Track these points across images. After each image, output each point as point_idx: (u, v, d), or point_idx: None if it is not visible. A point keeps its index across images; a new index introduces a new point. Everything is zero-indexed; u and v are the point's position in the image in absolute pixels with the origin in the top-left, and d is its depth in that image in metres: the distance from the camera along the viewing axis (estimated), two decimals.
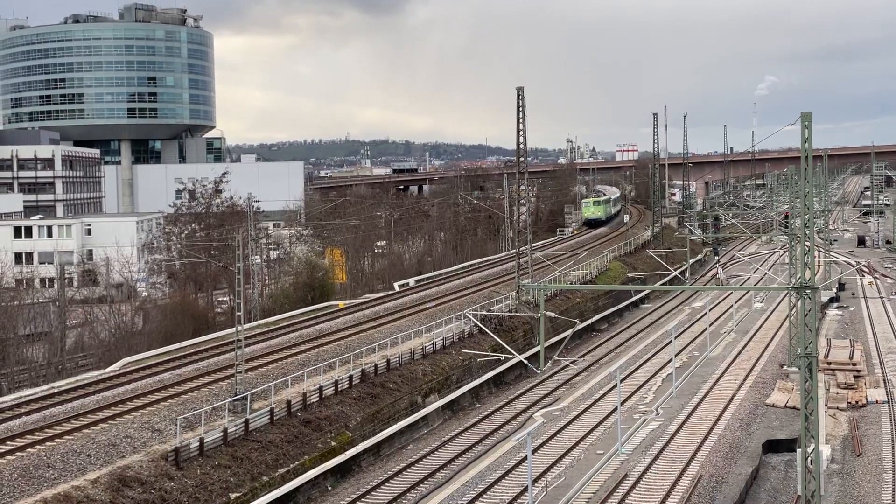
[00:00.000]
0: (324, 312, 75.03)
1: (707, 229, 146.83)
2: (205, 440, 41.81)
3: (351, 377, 53.74)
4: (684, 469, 43.96)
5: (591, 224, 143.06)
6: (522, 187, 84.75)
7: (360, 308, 74.68)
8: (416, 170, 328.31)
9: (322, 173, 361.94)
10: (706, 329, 75.31)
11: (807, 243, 37.16)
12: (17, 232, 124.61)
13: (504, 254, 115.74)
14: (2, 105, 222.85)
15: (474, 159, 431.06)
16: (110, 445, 40.01)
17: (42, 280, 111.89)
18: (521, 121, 77.32)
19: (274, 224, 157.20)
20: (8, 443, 39.35)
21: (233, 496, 40.21)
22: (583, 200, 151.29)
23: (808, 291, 36.65)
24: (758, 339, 76.10)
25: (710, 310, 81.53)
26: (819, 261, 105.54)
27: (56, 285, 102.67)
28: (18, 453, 38.03)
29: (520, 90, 76.91)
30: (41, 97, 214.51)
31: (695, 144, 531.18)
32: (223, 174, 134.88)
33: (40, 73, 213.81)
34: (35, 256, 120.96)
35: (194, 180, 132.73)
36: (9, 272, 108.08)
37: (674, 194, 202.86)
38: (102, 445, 39.84)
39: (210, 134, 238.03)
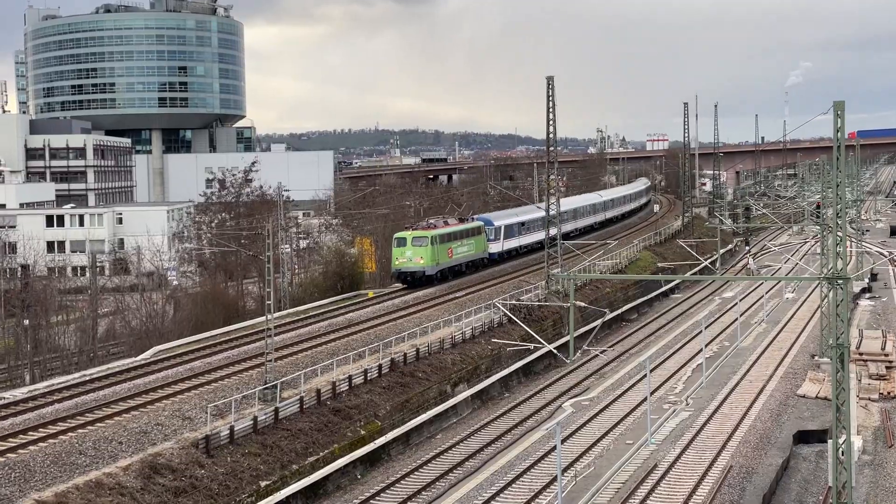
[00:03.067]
0: (353, 301, 75.17)
1: (738, 219, 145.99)
2: (235, 428, 42.02)
3: (380, 366, 53.83)
4: (714, 460, 43.77)
5: (407, 280, 77.08)
6: (552, 177, 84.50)
7: (390, 297, 74.74)
8: (445, 159, 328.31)
9: (352, 163, 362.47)
10: (736, 319, 74.92)
11: (839, 233, 36.87)
12: (50, 221, 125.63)
13: None
14: (34, 94, 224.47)
15: (504, 149, 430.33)
16: (141, 433, 40.28)
17: (74, 268, 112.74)
18: (551, 110, 77.07)
19: (304, 213, 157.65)
20: (41, 430, 39.70)
21: (263, 484, 40.40)
22: (395, 236, 79.51)
23: (840, 282, 36.37)
24: (789, 330, 75.62)
25: (740, 300, 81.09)
26: (851, 251, 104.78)
27: (88, 274, 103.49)
28: (51, 440, 38.36)
29: (550, 79, 76.62)
30: (73, 87, 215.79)
31: (726, 134, 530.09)
32: (253, 163, 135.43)
33: (72, 62, 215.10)
34: (67, 245, 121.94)
35: (224, 169, 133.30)
36: (41, 260, 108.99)
37: (704, 184, 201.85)
38: (134, 433, 40.12)
39: (240, 123, 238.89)
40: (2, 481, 33.96)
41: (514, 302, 71.28)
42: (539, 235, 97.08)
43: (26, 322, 78.06)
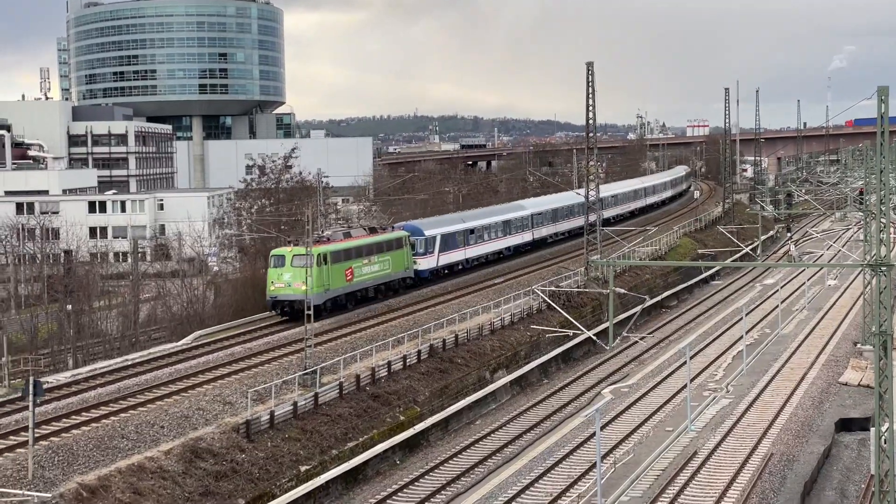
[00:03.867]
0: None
1: (779, 205, 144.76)
2: (275, 413, 42.31)
3: (419, 352, 53.96)
4: (755, 447, 43.52)
5: (286, 311, 59.63)
6: (592, 163, 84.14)
7: (429, 283, 74.80)
8: (484, 145, 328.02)
9: (390, 149, 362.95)
10: (778, 306, 74.36)
11: (882, 219, 36.49)
12: (92, 207, 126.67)
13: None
14: (76, 81, 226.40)
15: (543, 135, 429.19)
16: (183, 417, 40.64)
17: (116, 254, 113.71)
18: (590, 96, 76.75)
19: (343, 199, 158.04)
20: (83, 414, 40.19)
21: (303, 469, 40.65)
22: (271, 252, 62.11)
23: (883, 268, 35.99)
24: (831, 317, 74.98)
25: (781, 287, 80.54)
26: (894, 237, 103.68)
27: (129, 259, 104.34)
28: (94, 424, 38.81)
29: (589, 65, 76.31)
30: (115, 74, 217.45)
31: (767, 120, 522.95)
32: (293, 150, 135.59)
33: (114, 49, 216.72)
34: (109, 231, 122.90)
35: (264, 156, 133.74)
36: (84, 246, 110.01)
37: (745, 170, 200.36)
38: (175, 417, 40.49)
39: (280, 110, 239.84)
40: (46, 464, 34.39)
41: (553, 288, 71.17)
42: (501, 243, 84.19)
43: (69, 307, 78.82)
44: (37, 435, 35.21)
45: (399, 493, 41.31)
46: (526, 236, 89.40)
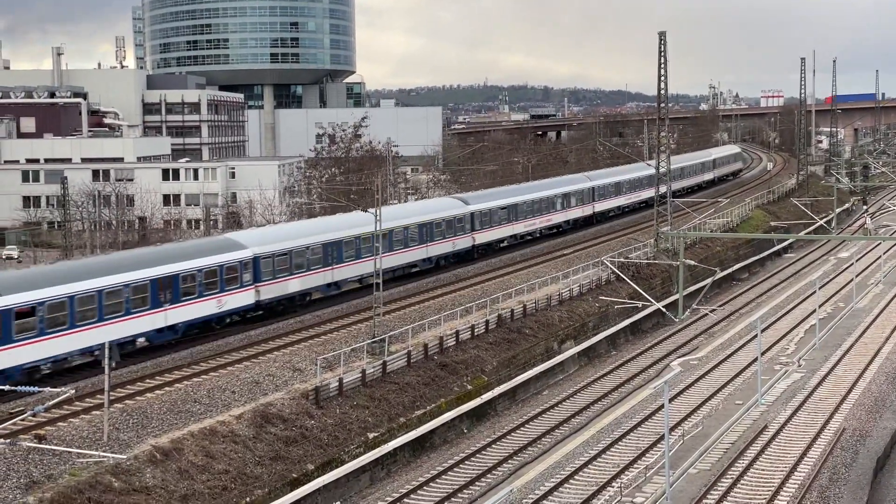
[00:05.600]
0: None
1: (855, 178, 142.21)
2: (344, 380, 42.66)
3: (487, 322, 54.00)
4: (826, 422, 42.93)
5: None
6: (663, 134, 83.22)
7: (497, 253, 74.76)
8: (554, 115, 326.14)
9: (460, 119, 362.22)
10: (852, 280, 73.15)
11: None
12: (165, 174, 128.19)
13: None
14: (151, 50, 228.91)
15: (614, 105, 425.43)
16: (253, 383, 41.16)
17: (189, 221, 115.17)
18: (662, 66, 75.88)
19: (412, 169, 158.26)
20: (157, 378, 40.88)
21: (371, 435, 40.97)
22: None
23: None
24: None
25: (856, 260, 79.14)
26: None
27: (202, 227, 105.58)
28: (167, 388, 39.47)
29: (662, 35, 75.43)
30: (188, 43, 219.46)
31: (844, 90, 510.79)
32: (363, 119, 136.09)
33: (187, 18, 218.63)
34: (182, 198, 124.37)
35: (334, 125, 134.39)
36: (157, 213, 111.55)
37: (820, 142, 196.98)
38: (246, 383, 41.02)
39: (350, 79, 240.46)
40: (121, 427, 35.06)
41: (622, 259, 70.72)
42: (205, 307, 46.73)
43: None
44: (112, 398, 35.89)
45: (466, 462, 41.46)
46: (315, 280, 55.01)
